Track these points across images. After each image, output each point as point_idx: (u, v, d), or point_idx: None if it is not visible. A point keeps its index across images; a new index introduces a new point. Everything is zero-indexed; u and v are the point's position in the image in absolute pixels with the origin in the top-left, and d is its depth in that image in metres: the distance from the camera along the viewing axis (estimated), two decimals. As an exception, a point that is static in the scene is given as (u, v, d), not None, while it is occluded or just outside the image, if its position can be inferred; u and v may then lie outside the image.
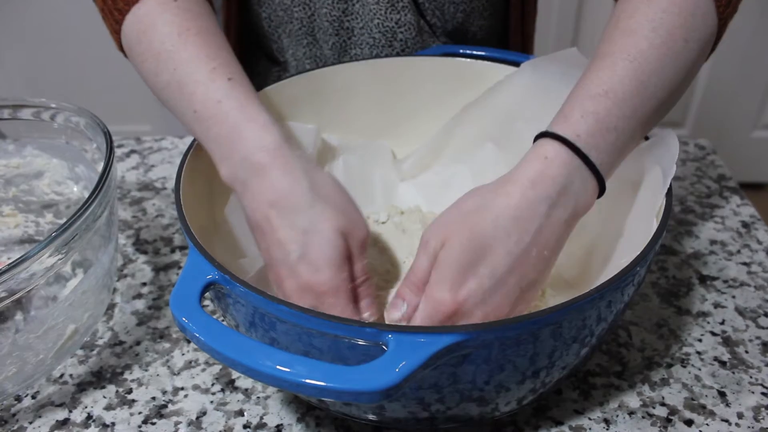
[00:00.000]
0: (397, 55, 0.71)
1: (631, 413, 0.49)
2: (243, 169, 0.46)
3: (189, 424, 0.49)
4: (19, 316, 0.53)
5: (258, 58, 0.82)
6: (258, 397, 0.51)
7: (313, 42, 0.73)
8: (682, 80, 0.47)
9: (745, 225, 0.67)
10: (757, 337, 0.55)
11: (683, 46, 0.46)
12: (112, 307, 0.59)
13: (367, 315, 0.47)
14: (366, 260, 0.47)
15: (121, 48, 0.54)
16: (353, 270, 0.46)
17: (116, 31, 0.53)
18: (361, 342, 0.36)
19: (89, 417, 0.50)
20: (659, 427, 0.48)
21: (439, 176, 0.64)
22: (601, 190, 0.45)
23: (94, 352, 0.55)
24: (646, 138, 0.50)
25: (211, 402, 0.50)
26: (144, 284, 0.62)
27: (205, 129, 0.47)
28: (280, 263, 0.45)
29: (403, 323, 0.44)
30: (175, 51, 0.49)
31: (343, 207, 0.46)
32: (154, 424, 0.49)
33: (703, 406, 0.49)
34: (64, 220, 0.47)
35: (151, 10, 0.50)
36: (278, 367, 0.35)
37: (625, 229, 0.50)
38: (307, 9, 0.71)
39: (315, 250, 0.44)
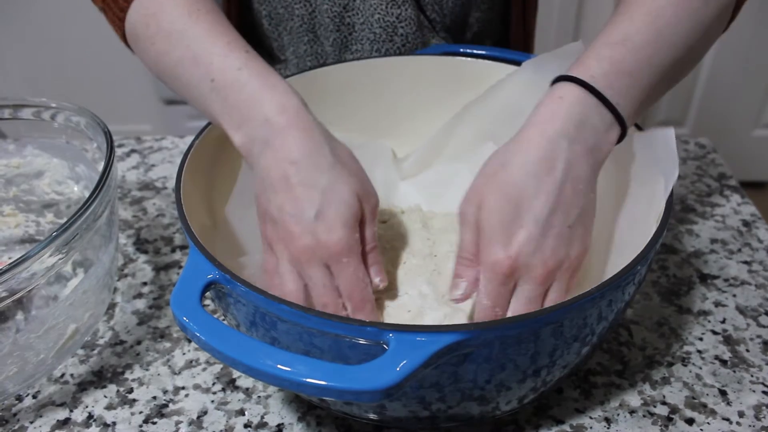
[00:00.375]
0: (398, 50, 0.71)
1: (632, 412, 0.49)
2: (264, 129, 0.46)
3: (190, 424, 0.49)
4: (19, 316, 0.53)
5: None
6: (259, 397, 0.51)
7: (314, 39, 0.73)
8: (700, 39, 0.48)
9: (745, 224, 0.67)
10: (758, 336, 0.55)
11: (702, 5, 0.47)
12: (112, 306, 0.59)
13: (378, 280, 0.48)
14: (376, 227, 0.48)
15: (124, 38, 0.54)
16: (364, 235, 0.47)
17: (120, 19, 0.52)
18: (362, 341, 0.36)
19: (90, 416, 0.50)
20: (660, 425, 0.48)
21: (439, 175, 0.63)
22: (623, 132, 0.45)
23: (95, 351, 0.55)
24: (639, 128, 0.50)
25: (212, 401, 0.50)
26: (145, 284, 0.62)
27: (223, 97, 0.47)
28: (295, 220, 0.44)
29: (468, 300, 0.45)
30: (188, 28, 0.49)
31: (358, 173, 0.47)
32: (155, 423, 0.49)
33: (704, 405, 0.49)
34: (65, 219, 0.47)
35: None
36: (279, 366, 0.35)
37: (625, 228, 0.50)
38: (307, 5, 0.71)
39: (332, 210, 0.44)
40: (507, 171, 0.43)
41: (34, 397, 0.51)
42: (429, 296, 0.49)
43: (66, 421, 0.49)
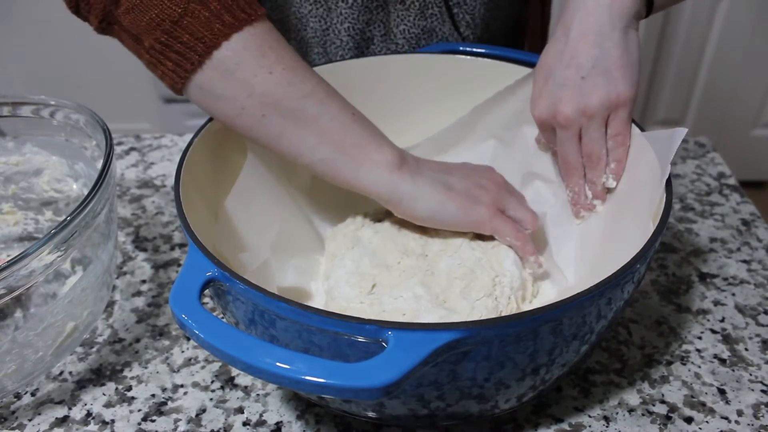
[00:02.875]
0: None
1: (630, 411, 0.49)
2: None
3: (189, 422, 0.49)
4: (18, 314, 0.53)
5: None
6: (258, 395, 0.51)
7: (323, 53, 0.73)
8: None
9: (744, 223, 0.67)
10: (757, 335, 0.55)
11: None
12: (111, 304, 0.59)
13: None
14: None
15: (175, 88, 0.48)
16: None
17: (209, 46, 0.45)
18: (360, 339, 0.36)
19: (89, 414, 0.50)
20: (659, 424, 0.48)
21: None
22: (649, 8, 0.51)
23: (94, 349, 0.55)
24: (640, 127, 0.51)
25: (211, 399, 0.50)
26: (143, 281, 0.62)
27: (365, 126, 0.52)
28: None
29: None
30: (307, 66, 0.49)
31: None
32: (153, 421, 0.49)
33: (703, 404, 0.49)
34: (64, 217, 0.47)
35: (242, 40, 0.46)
36: (278, 364, 0.35)
37: (624, 227, 0.50)
38: (322, 22, 0.71)
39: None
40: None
41: (32, 394, 0.51)
42: (423, 298, 0.49)
43: (64, 419, 0.49)
